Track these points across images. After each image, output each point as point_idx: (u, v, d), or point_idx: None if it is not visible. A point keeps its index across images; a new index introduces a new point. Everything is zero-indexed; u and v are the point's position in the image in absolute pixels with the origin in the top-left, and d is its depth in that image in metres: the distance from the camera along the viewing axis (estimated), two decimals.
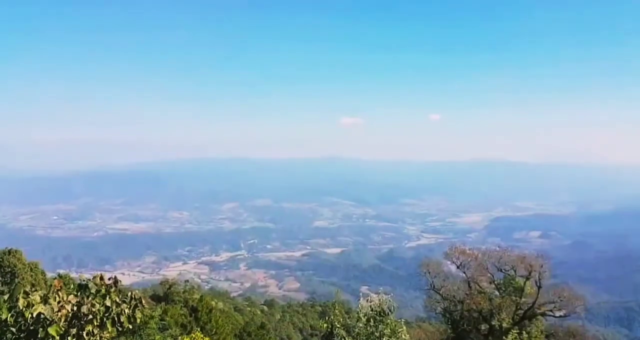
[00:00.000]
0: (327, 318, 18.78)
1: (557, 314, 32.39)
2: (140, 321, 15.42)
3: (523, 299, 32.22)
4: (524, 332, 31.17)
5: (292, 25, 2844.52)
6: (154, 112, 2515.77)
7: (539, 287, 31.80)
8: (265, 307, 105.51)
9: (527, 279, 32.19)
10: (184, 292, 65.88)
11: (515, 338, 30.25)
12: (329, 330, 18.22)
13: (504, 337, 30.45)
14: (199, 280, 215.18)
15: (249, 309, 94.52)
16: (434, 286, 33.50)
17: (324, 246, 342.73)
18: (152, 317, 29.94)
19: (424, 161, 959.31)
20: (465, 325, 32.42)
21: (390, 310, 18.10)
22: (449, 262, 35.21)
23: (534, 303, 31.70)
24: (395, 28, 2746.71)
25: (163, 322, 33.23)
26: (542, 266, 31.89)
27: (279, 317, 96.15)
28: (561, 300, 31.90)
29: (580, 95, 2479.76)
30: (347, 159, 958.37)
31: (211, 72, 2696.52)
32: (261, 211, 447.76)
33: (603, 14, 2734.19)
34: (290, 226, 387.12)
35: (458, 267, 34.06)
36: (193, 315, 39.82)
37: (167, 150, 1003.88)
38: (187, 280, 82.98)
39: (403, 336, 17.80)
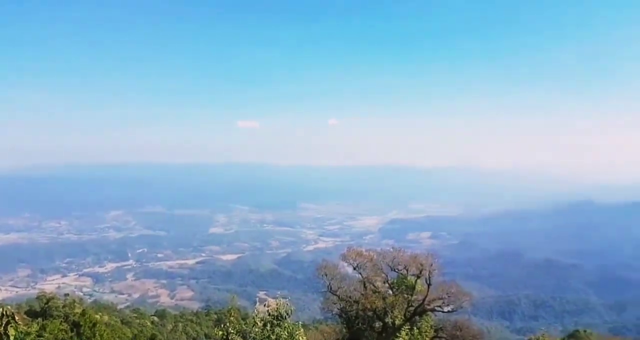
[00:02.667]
0: (221, 325, 18.65)
1: (446, 309, 34.62)
2: (15, 338, 14.31)
3: (414, 297, 34.11)
4: (414, 327, 33.10)
5: (181, 27, 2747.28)
6: (27, 114, 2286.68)
7: (429, 285, 33.82)
8: (156, 318, 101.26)
9: (418, 277, 34.10)
10: (64, 307, 61.64)
11: (407, 334, 32.07)
12: (224, 337, 18.11)
13: (397, 334, 32.12)
14: (81, 294, 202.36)
15: (137, 321, 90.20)
16: (330, 288, 34.24)
17: (219, 253, 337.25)
18: (28, 334, 27.74)
19: (323, 166, 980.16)
20: (360, 324, 33.62)
21: (287, 314, 18.40)
22: (345, 264, 36.09)
23: (424, 300, 33.64)
24: (289, 28, 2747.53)
25: (41, 339, 31.04)
26: (432, 265, 33.91)
27: (171, 327, 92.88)
28: (449, 296, 34.14)
29: (475, 101, 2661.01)
30: (244, 164, 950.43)
31: (97, 75, 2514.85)
32: (152, 218, 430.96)
33: (510, 21, 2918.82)
34: (184, 234, 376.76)
35: (354, 269, 35.12)
36: (75, 330, 37.51)
37: (43, 154, 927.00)
38: (67, 294, 77.77)
39: (300, 339, 18.18)
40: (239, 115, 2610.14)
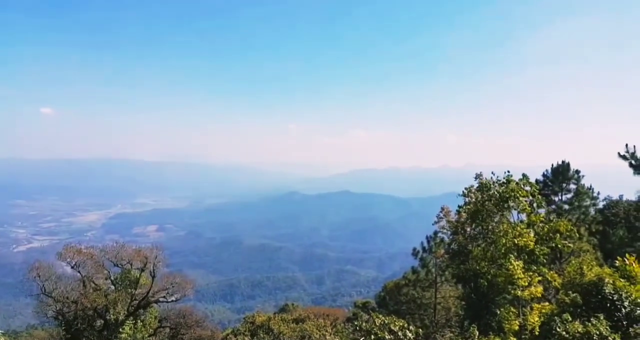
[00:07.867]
0: None
1: (170, 299, 34.63)
2: None
3: (138, 290, 33.10)
4: (138, 321, 32.08)
5: None
6: None
7: (153, 277, 33.26)
8: None
9: (143, 270, 33.21)
10: None
11: (131, 328, 30.91)
12: None
13: (119, 330, 30.62)
14: None
15: None
16: (44, 290, 30.80)
17: None
18: None
19: (36, 159, 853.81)
20: (79, 325, 31.02)
21: None
22: (63, 264, 33.03)
23: (148, 292, 32.95)
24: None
25: None
26: (156, 257, 33.46)
27: None
28: (173, 286, 34.26)
29: (212, 102, 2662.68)
30: None
31: None
32: None
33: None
34: None
35: (72, 268, 32.37)
36: None
37: None
38: None
39: None
40: None
